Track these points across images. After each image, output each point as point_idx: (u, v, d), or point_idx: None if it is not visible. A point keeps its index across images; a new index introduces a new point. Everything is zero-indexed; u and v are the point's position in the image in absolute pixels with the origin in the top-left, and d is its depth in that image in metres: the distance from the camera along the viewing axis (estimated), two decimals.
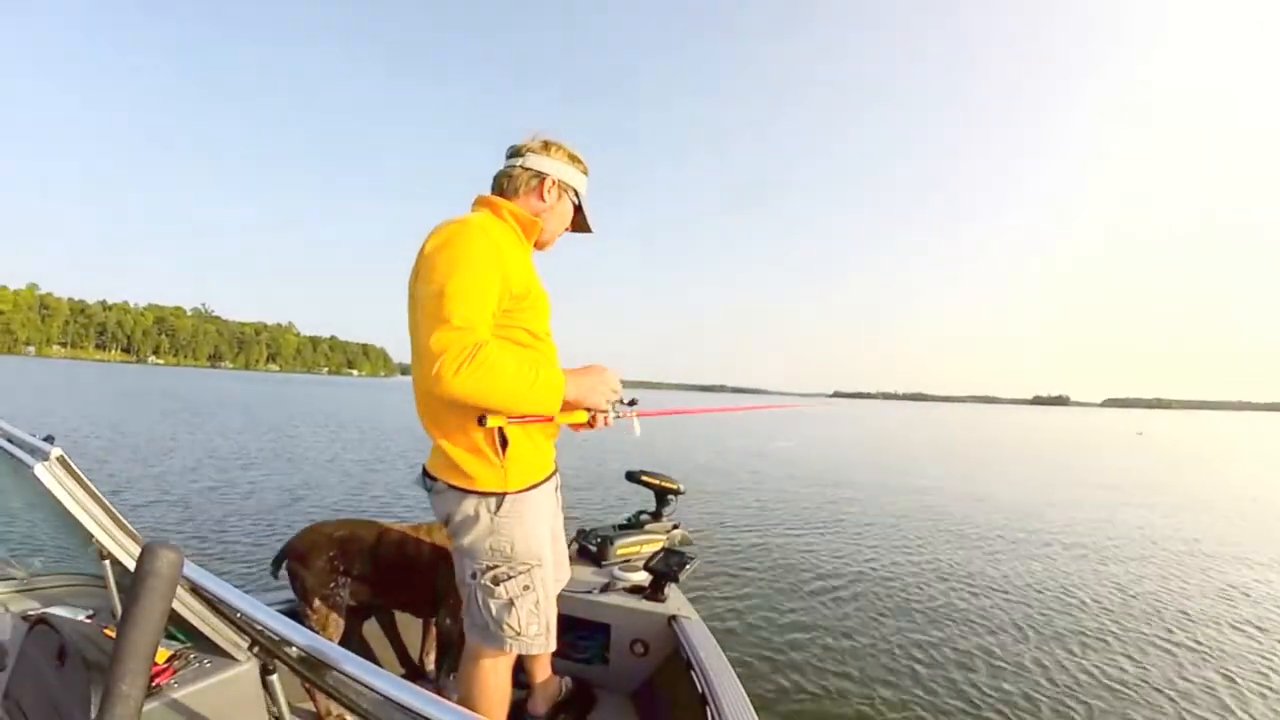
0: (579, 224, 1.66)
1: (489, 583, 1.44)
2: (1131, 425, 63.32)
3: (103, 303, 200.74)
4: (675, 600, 2.27)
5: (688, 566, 2.27)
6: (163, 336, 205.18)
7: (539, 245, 1.57)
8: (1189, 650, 4.13)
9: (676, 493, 2.88)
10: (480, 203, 1.52)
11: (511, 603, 1.43)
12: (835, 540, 6.85)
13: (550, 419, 1.40)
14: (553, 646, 1.51)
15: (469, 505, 1.41)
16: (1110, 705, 3.33)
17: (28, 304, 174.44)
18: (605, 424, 1.52)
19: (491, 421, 1.30)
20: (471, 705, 1.55)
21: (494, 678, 1.55)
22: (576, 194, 1.59)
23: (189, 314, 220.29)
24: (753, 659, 3.69)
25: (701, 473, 11.72)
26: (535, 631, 1.46)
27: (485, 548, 1.42)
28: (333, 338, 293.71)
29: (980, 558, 6.37)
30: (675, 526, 2.86)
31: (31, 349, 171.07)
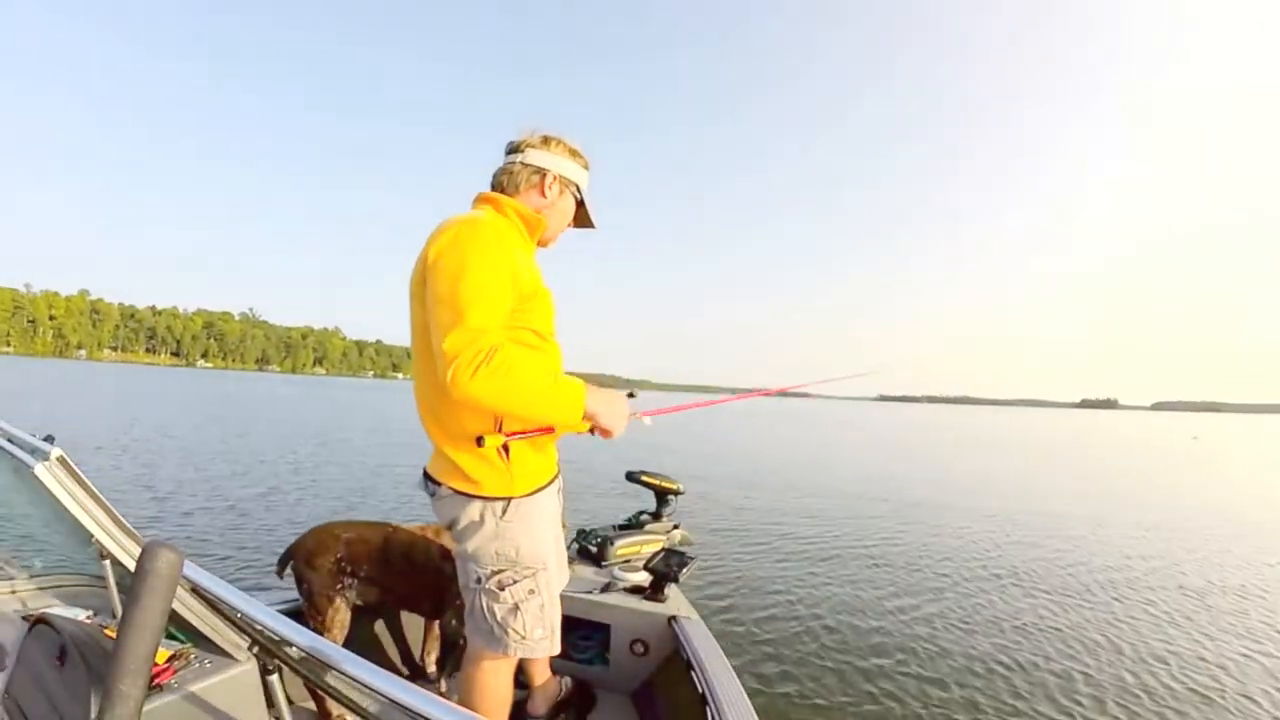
0: (581, 219, 1.63)
1: (494, 587, 1.42)
2: (1185, 430, 60.49)
3: (152, 308, 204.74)
4: (675, 600, 2.27)
5: (688, 567, 2.27)
6: (211, 341, 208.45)
7: (542, 243, 1.55)
8: None
9: (676, 493, 2.87)
10: (481, 200, 1.48)
11: (517, 607, 1.42)
12: (836, 541, 6.85)
13: (550, 430, 1.37)
14: (557, 649, 1.49)
15: (474, 510, 1.39)
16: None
17: (79, 309, 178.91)
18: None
19: (489, 442, 1.28)
20: (473, 708, 1.54)
21: (495, 681, 1.54)
22: (578, 189, 1.56)
23: (237, 319, 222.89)
24: (753, 659, 3.69)
25: (702, 473, 11.72)
26: (540, 635, 1.45)
27: (491, 552, 1.40)
28: (378, 341, 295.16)
29: (983, 561, 6.36)
30: (675, 527, 2.86)
31: (83, 352, 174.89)
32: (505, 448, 1.36)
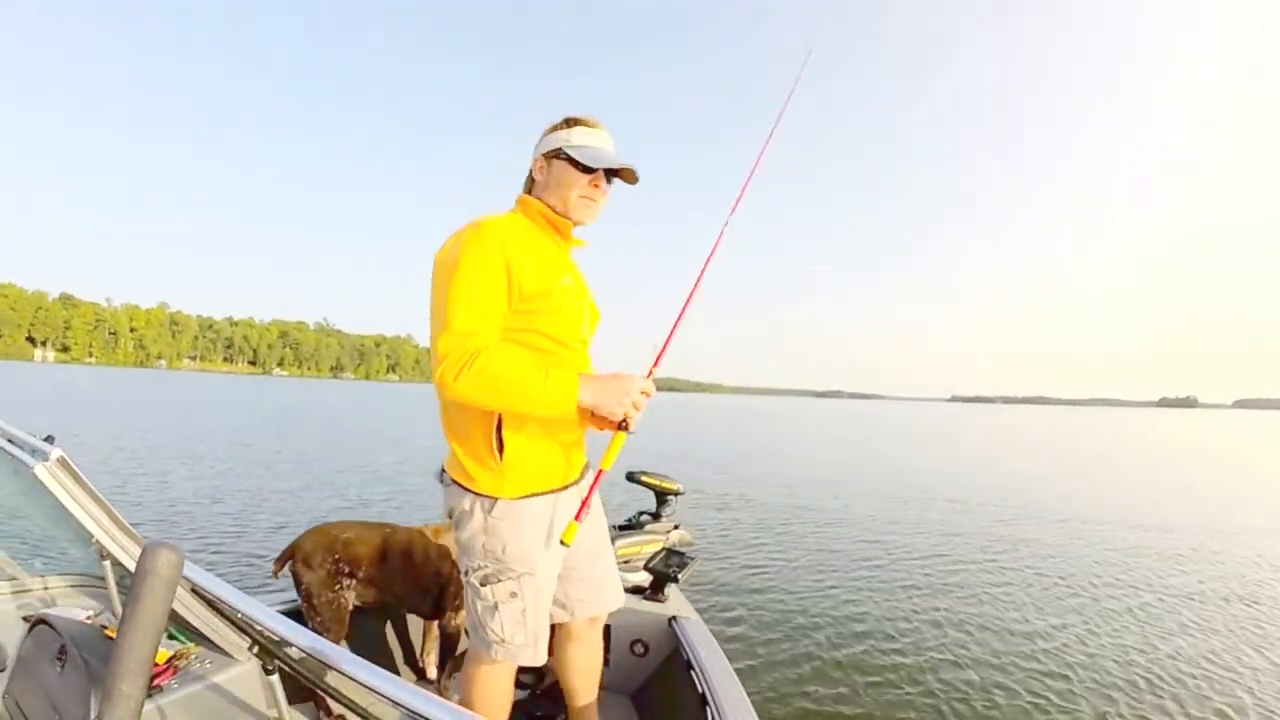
0: (609, 176, 1.45)
1: (477, 582, 1.42)
2: (1273, 429, 57.16)
3: (229, 319, 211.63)
4: (675, 600, 2.27)
5: (688, 567, 2.27)
6: (287, 349, 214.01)
7: (577, 222, 1.46)
8: None
9: (676, 494, 2.88)
10: (516, 202, 1.49)
11: (496, 607, 1.40)
12: (838, 541, 6.85)
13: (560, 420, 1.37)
14: (540, 660, 1.45)
15: (467, 502, 1.41)
16: None
17: (159, 321, 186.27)
18: (629, 429, 1.39)
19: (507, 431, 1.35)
20: (469, 706, 1.53)
21: (490, 681, 1.53)
22: (564, 150, 1.42)
23: (311, 328, 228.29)
24: (753, 659, 3.69)
25: (702, 473, 11.72)
26: (521, 642, 1.41)
27: (479, 547, 1.41)
28: None
29: (986, 565, 6.36)
30: (675, 527, 2.86)
31: (163, 362, 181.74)
32: (500, 447, 1.36)
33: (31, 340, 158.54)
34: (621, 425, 1.36)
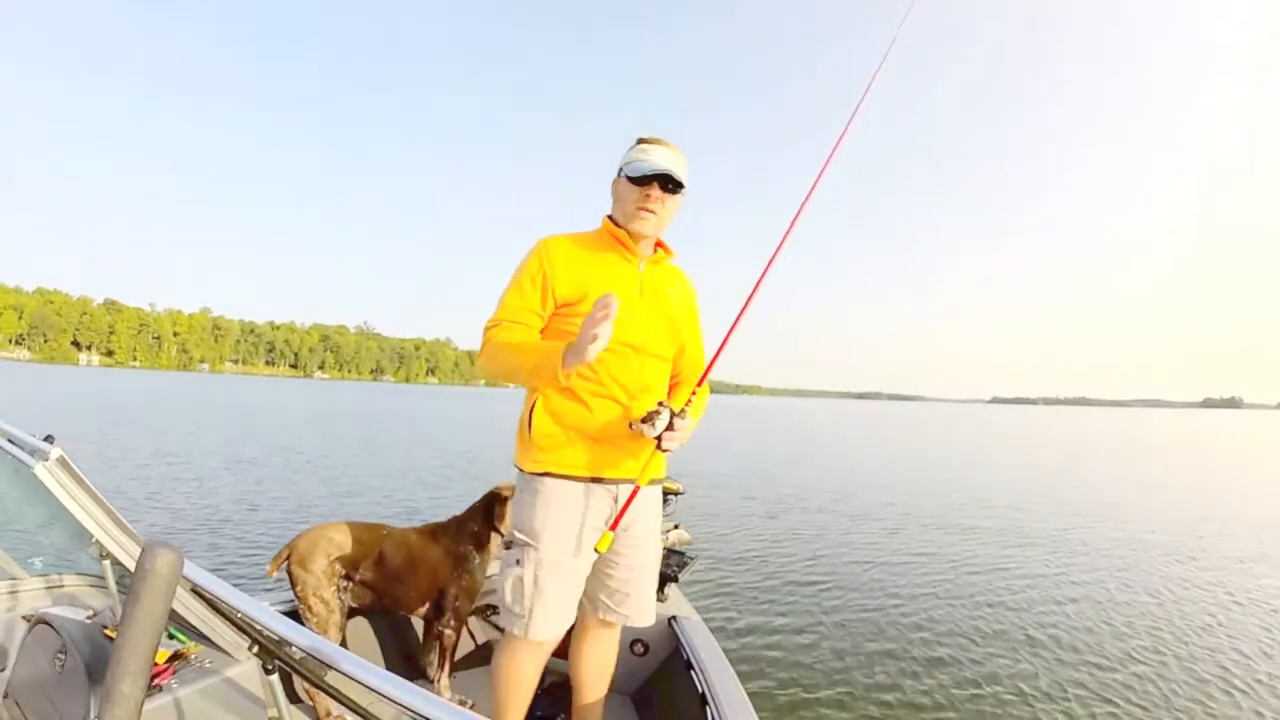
0: (663, 187, 1.51)
1: (504, 546, 1.56)
2: None
3: (271, 323, 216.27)
4: (675, 600, 2.27)
5: (687, 566, 2.27)
6: (328, 353, 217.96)
7: (636, 234, 1.54)
8: None
9: (676, 493, 2.87)
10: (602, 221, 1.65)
11: (505, 570, 1.52)
12: (839, 541, 6.85)
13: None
14: (535, 636, 1.47)
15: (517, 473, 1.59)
16: None
17: (201, 326, 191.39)
18: (652, 425, 1.40)
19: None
20: (493, 687, 1.58)
21: (506, 655, 1.56)
22: (622, 168, 1.55)
23: (352, 332, 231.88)
24: (753, 659, 3.69)
25: (703, 472, 11.72)
26: (518, 611, 1.48)
27: (515, 512, 1.57)
28: None
29: (987, 565, 6.36)
30: (675, 526, 2.86)
31: (205, 366, 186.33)
32: (529, 423, 1.51)
33: (76, 345, 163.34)
34: (658, 443, 1.43)
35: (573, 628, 1.63)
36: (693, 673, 1.80)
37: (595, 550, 1.41)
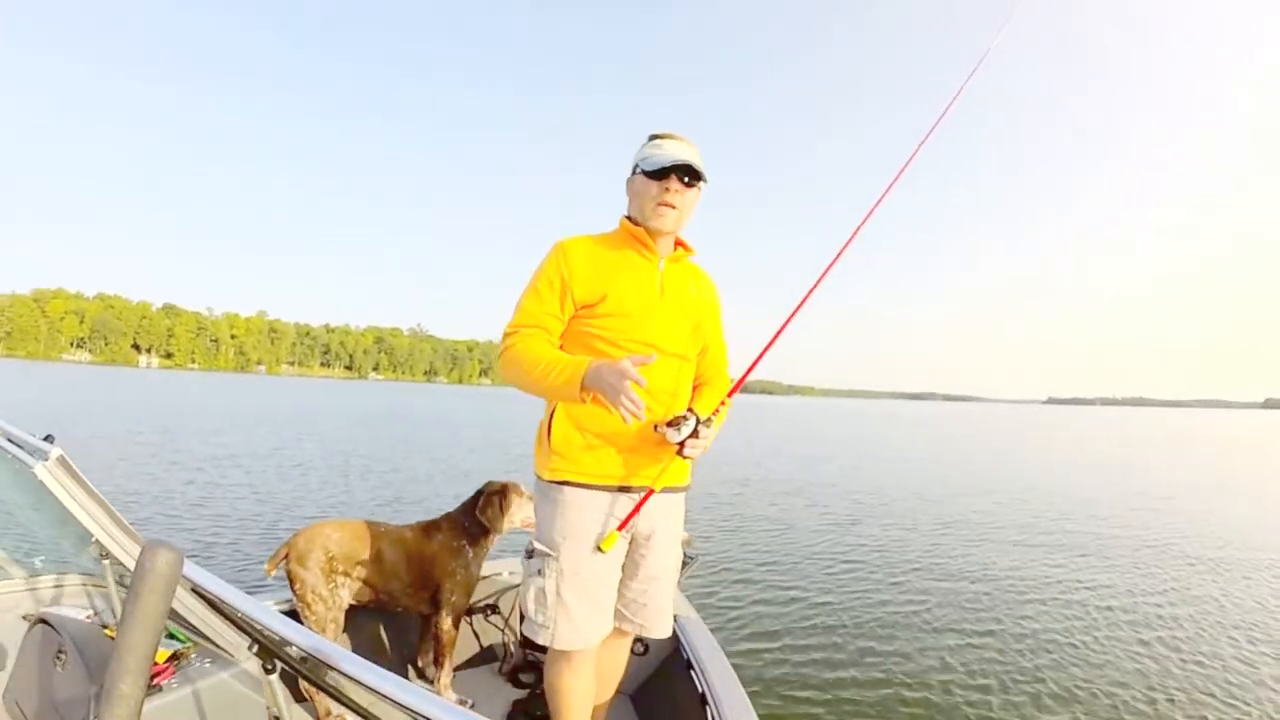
0: (681, 179, 1.48)
1: (526, 555, 1.52)
2: None
3: (326, 325, 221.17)
4: (675, 600, 2.27)
5: (688, 566, 2.26)
6: (382, 355, 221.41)
7: (656, 230, 1.51)
8: None
9: None
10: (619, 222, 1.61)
11: (528, 580, 1.50)
12: (839, 540, 6.84)
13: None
14: (559, 646, 1.45)
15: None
16: None
17: (258, 329, 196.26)
18: (677, 430, 1.40)
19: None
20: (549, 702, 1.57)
21: (549, 672, 1.55)
22: (638, 164, 1.52)
23: (405, 334, 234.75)
24: (753, 659, 3.69)
25: (703, 472, 11.70)
26: (541, 621, 1.45)
27: (537, 522, 1.54)
28: None
29: (988, 567, 6.36)
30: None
31: (262, 368, 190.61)
32: (549, 431, 1.49)
33: (136, 347, 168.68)
34: (679, 449, 1.41)
35: None
36: (693, 673, 1.80)
37: (599, 549, 1.39)
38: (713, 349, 1.66)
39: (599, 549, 1.39)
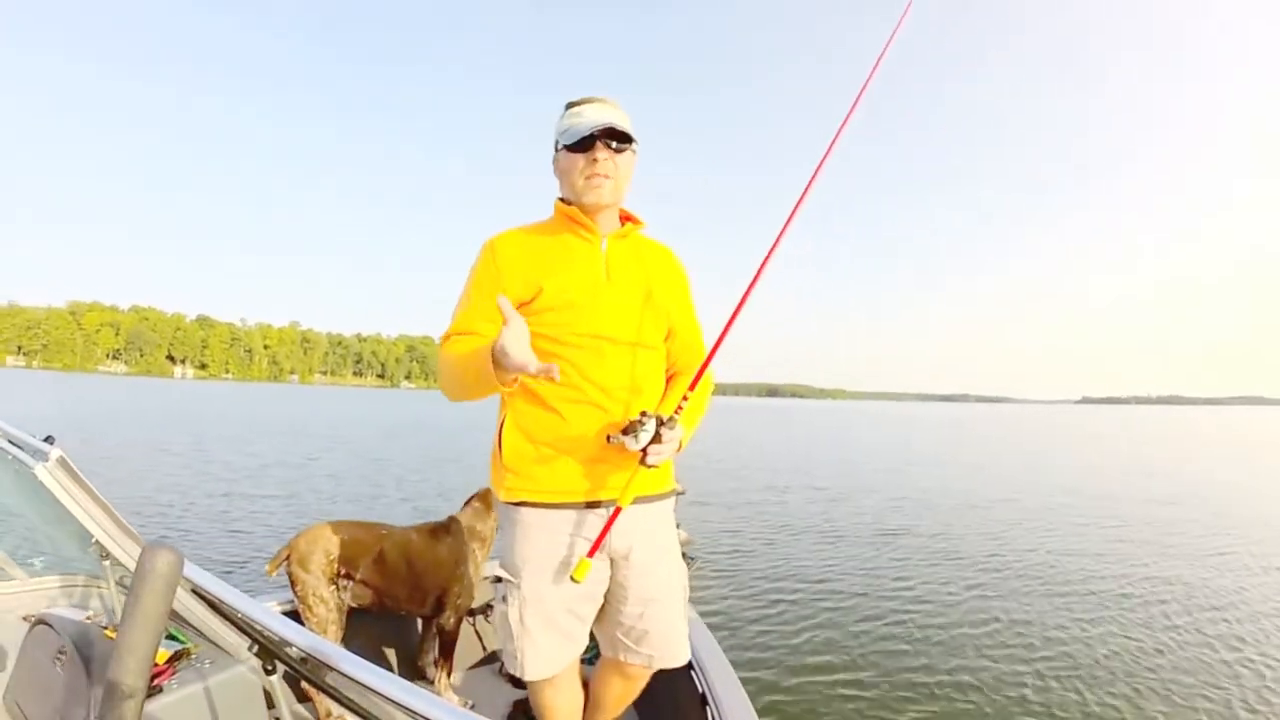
0: (608, 145, 1.32)
1: (493, 581, 1.42)
2: None
3: (358, 334, 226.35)
4: None
5: (688, 567, 2.26)
6: (413, 363, 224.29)
7: (591, 206, 1.35)
8: None
9: (678, 494, 2.87)
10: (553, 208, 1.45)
11: (496, 607, 1.40)
12: (839, 539, 6.84)
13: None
14: (530, 676, 1.36)
15: None
16: None
17: (290, 339, 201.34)
18: (634, 438, 1.24)
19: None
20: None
21: (531, 697, 1.48)
22: (558, 139, 1.37)
23: (437, 342, 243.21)
24: (753, 659, 3.68)
25: (703, 472, 11.72)
26: (510, 650, 1.36)
27: (501, 546, 1.45)
28: None
29: (989, 569, 6.35)
30: (676, 526, 2.86)
31: (295, 377, 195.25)
32: (499, 444, 1.36)
33: (171, 358, 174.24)
34: (642, 457, 1.25)
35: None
36: (693, 673, 1.80)
37: (573, 580, 1.23)
38: (681, 332, 1.46)
39: (572, 579, 1.23)
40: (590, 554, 1.25)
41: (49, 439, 1.25)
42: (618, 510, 1.26)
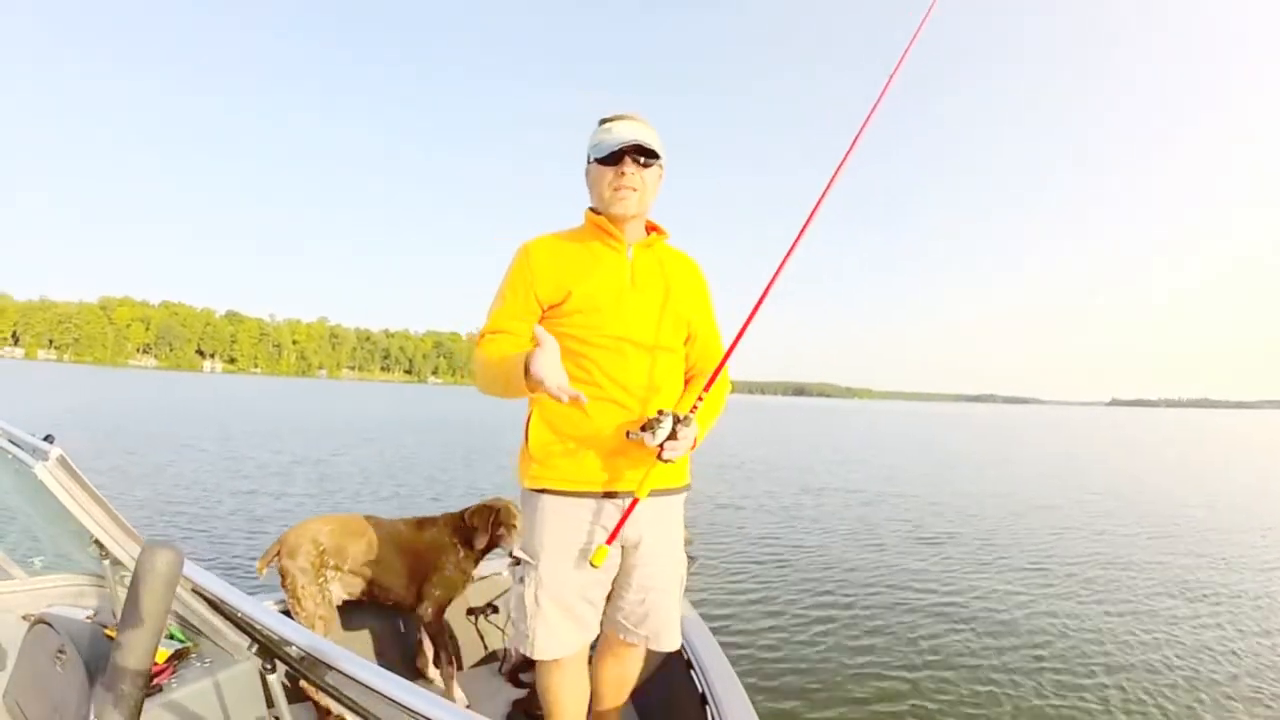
0: (636, 160, 1.42)
1: (511, 563, 1.53)
2: None
3: (385, 330, 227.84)
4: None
5: (688, 566, 2.26)
6: (440, 359, 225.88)
7: (618, 216, 1.44)
8: None
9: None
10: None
11: (513, 588, 1.49)
12: (838, 539, 6.84)
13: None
14: (539, 656, 1.44)
15: None
16: None
17: (319, 334, 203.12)
18: (652, 434, 1.30)
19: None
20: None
21: (538, 680, 1.53)
22: (590, 152, 1.46)
23: (464, 338, 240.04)
24: (753, 659, 3.68)
25: (703, 471, 11.71)
26: (523, 630, 1.43)
27: (523, 530, 1.52)
28: None
29: (989, 570, 6.35)
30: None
31: (324, 372, 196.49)
32: (527, 436, 1.46)
33: (200, 353, 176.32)
34: (659, 453, 1.31)
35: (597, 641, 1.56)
36: (693, 672, 1.80)
37: (591, 564, 1.33)
38: (700, 337, 1.55)
39: (590, 564, 1.33)
40: (609, 541, 1.34)
41: (49, 438, 1.25)
42: (635, 501, 1.33)
